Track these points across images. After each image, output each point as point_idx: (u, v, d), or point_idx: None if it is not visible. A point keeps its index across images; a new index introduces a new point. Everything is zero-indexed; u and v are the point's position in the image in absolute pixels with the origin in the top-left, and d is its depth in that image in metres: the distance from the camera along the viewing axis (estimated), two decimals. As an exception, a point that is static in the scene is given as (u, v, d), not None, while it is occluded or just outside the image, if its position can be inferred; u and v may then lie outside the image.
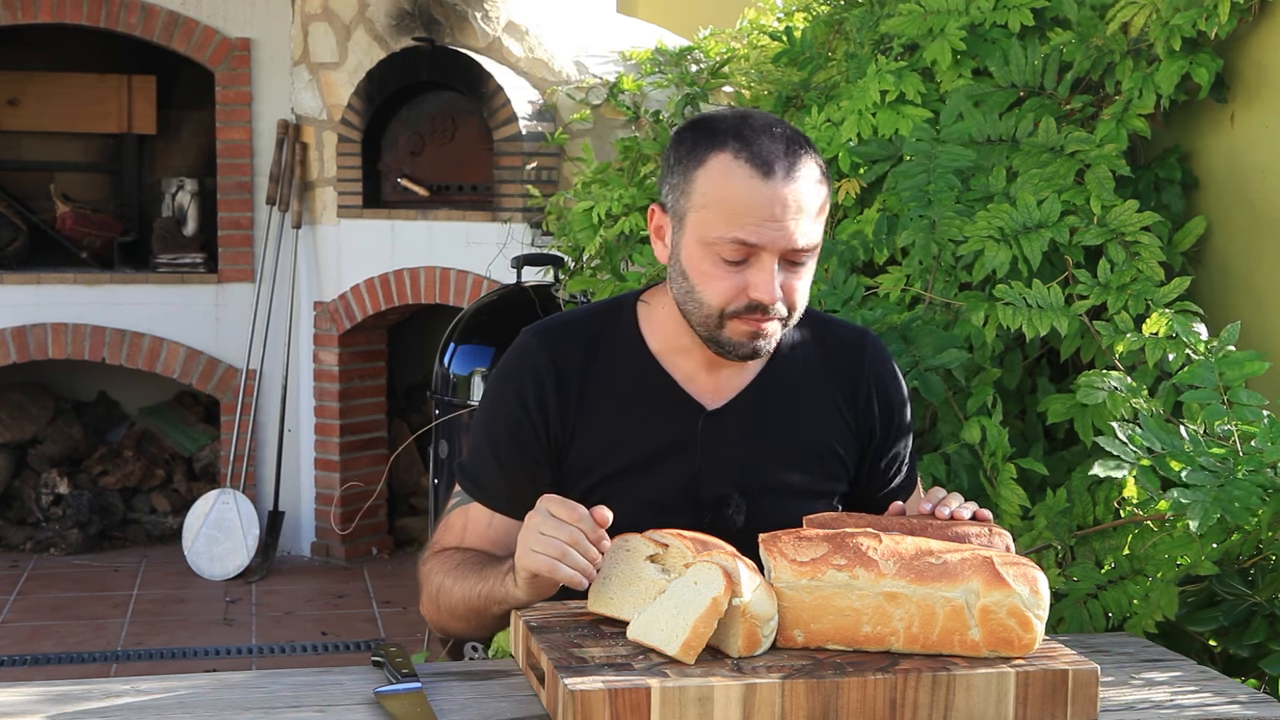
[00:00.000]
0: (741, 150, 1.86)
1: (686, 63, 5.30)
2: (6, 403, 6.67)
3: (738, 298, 1.87)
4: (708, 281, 1.89)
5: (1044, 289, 2.65)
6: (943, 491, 1.92)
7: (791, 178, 1.85)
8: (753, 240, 1.85)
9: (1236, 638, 2.16)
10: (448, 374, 4.72)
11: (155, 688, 1.72)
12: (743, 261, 1.86)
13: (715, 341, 1.92)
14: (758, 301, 1.86)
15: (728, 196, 1.86)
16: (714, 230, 1.86)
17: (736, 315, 1.88)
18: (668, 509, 1.95)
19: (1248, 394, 2.26)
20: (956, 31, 3.24)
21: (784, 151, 1.87)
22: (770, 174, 1.85)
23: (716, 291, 1.88)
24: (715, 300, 1.89)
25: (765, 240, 1.85)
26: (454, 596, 1.94)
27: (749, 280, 1.87)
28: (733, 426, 1.98)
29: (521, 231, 5.52)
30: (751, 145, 1.86)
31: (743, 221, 1.85)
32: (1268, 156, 2.94)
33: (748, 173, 1.85)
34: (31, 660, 5.04)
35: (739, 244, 1.85)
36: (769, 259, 1.86)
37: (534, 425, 1.97)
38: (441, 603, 1.97)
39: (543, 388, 1.97)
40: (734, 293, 1.87)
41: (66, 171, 7.05)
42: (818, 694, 1.59)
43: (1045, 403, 2.67)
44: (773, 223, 1.84)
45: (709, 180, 1.88)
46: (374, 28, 6.04)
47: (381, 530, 6.52)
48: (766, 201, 1.84)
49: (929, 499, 1.90)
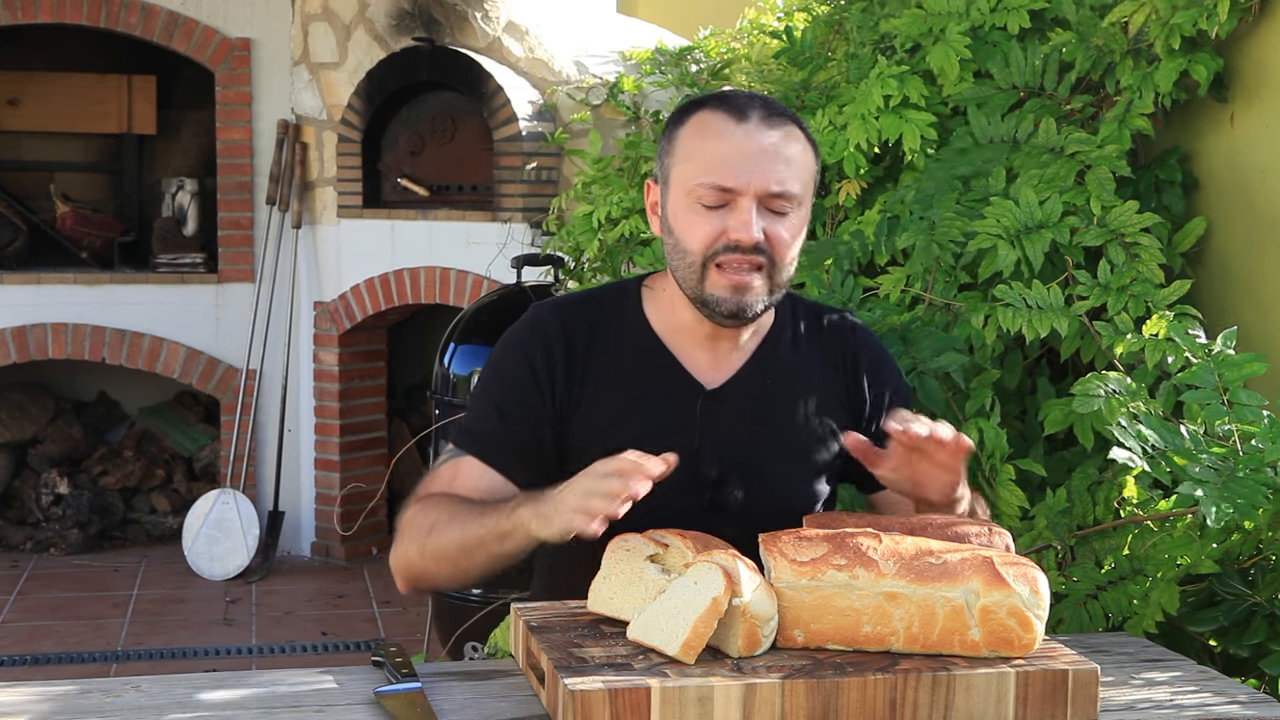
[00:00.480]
0: (720, 105, 1.95)
1: (686, 63, 5.30)
2: (6, 403, 6.67)
3: (718, 240, 1.91)
4: (690, 229, 1.93)
5: (1044, 290, 2.65)
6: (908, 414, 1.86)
7: (768, 125, 1.92)
8: (728, 183, 1.90)
9: (1236, 638, 2.16)
10: (448, 374, 4.72)
11: (155, 688, 1.72)
12: (723, 207, 1.91)
13: (701, 301, 1.95)
14: (736, 241, 1.89)
15: (704, 144, 1.93)
16: (694, 178, 1.92)
17: (718, 262, 1.91)
18: (668, 488, 1.95)
19: (1247, 394, 2.27)
20: (959, 37, 3.23)
21: (761, 104, 1.95)
22: (744, 119, 1.92)
23: (697, 237, 1.92)
24: (697, 245, 1.92)
25: (740, 182, 1.90)
26: (446, 537, 1.90)
27: (727, 223, 1.91)
28: (732, 406, 2.01)
29: (521, 231, 5.52)
30: (729, 100, 1.95)
31: (718, 165, 1.91)
32: (1268, 156, 2.93)
33: (723, 119, 1.93)
34: (31, 660, 5.04)
35: (716, 188, 1.90)
36: (746, 201, 1.90)
37: (540, 389, 1.98)
38: (429, 544, 1.91)
39: (551, 354, 1.99)
40: (714, 236, 1.91)
41: (66, 171, 7.05)
42: (818, 694, 1.59)
43: (1044, 409, 2.67)
44: (748, 163, 1.90)
45: (688, 134, 1.95)
46: (374, 28, 6.04)
47: (382, 530, 6.52)
48: (741, 144, 1.90)
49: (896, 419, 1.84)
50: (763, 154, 1.90)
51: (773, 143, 1.91)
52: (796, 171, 1.93)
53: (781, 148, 1.92)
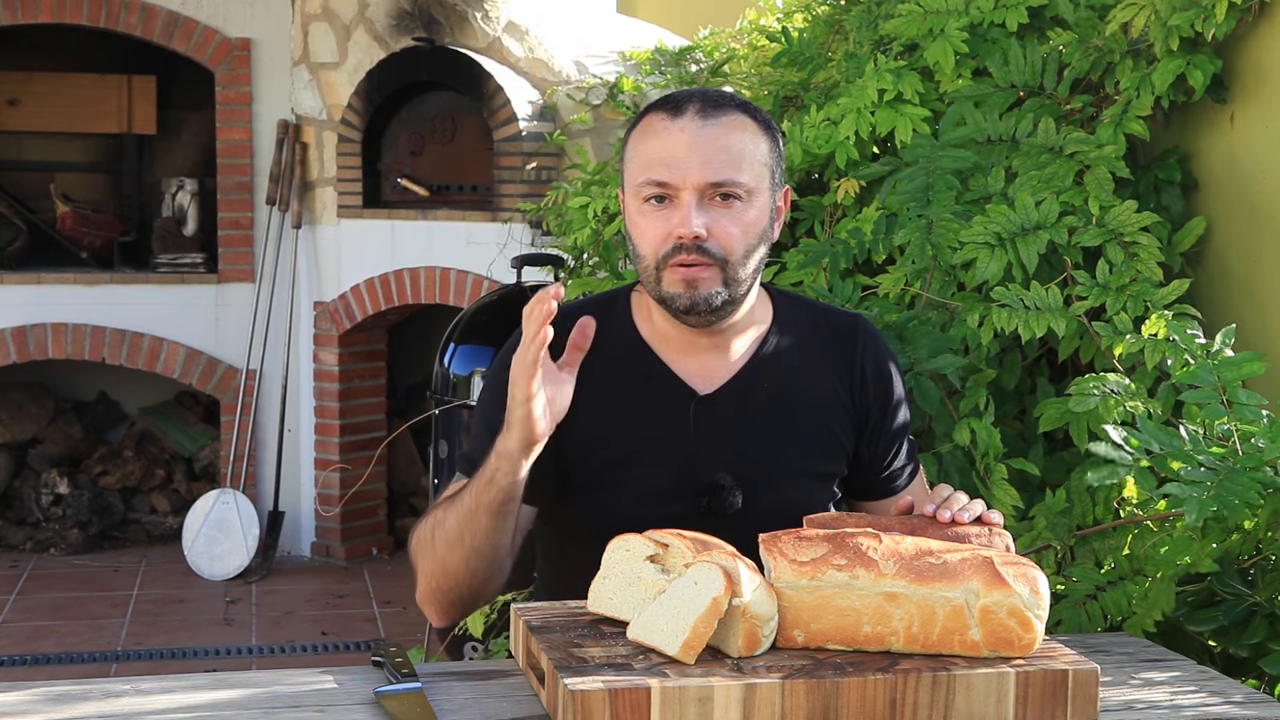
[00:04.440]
0: (662, 105, 1.95)
1: (686, 63, 5.30)
2: (6, 403, 6.67)
3: (665, 241, 1.91)
4: (641, 233, 1.94)
5: (1042, 290, 2.65)
6: (948, 489, 1.89)
7: (705, 118, 1.91)
8: (664, 178, 1.90)
9: (1236, 637, 2.16)
10: (448, 374, 4.73)
11: (155, 688, 1.72)
12: (665, 203, 1.91)
13: (660, 300, 1.95)
14: (679, 237, 1.89)
15: (645, 144, 1.94)
16: (636, 178, 1.93)
17: (669, 261, 1.91)
18: (665, 495, 1.96)
19: (1246, 394, 2.27)
20: (957, 33, 3.24)
21: (702, 98, 1.94)
22: (679, 113, 1.92)
23: (647, 240, 1.93)
24: (648, 249, 1.93)
25: (676, 177, 1.90)
26: (448, 524, 1.90)
27: (671, 221, 1.91)
28: (726, 411, 1.99)
29: (521, 231, 5.52)
30: (670, 99, 1.96)
31: (654, 162, 1.91)
32: (1267, 157, 2.94)
33: (661, 118, 1.93)
34: (31, 660, 5.04)
35: (654, 184, 1.91)
36: (686, 195, 1.89)
37: None
38: (437, 540, 1.91)
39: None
40: (661, 237, 1.91)
41: (66, 171, 7.05)
42: (818, 694, 1.59)
43: (1040, 408, 2.67)
44: (682, 157, 1.89)
45: (634, 137, 1.97)
46: (374, 28, 6.05)
47: (381, 530, 6.52)
48: (675, 139, 1.91)
49: (934, 499, 1.88)
50: (698, 146, 1.89)
51: (711, 134, 1.90)
52: (740, 160, 1.91)
53: (721, 137, 1.90)
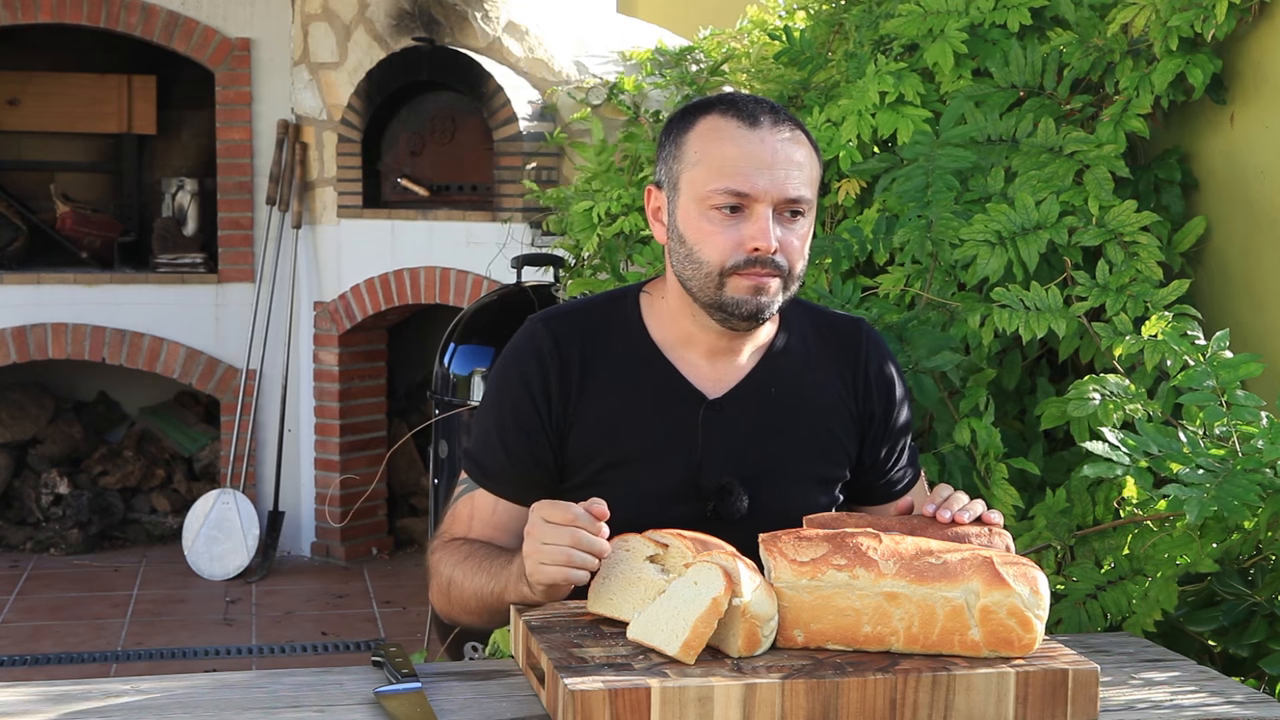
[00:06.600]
0: (728, 109, 1.92)
1: (686, 63, 5.30)
2: (6, 403, 6.67)
3: (736, 251, 1.89)
4: (705, 239, 1.91)
5: (1042, 290, 2.65)
6: (948, 489, 1.90)
7: (778, 130, 1.91)
8: (745, 189, 1.88)
9: (1236, 637, 2.16)
10: (448, 374, 4.73)
11: (155, 688, 1.72)
12: (738, 213, 1.89)
13: (718, 306, 1.92)
14: (756, 250, 1.88)
15: (718, 149, 1.90)
16: (708, 184, 1.90)
17: (736, 271, 1.89)
18: (670, 498, 1.95)
19: (1245, 395, 2.27)
20: (957, 34, 3.23)
21: (769, 109, 1.93)
22: (756, 124, 1.90)
23: (715, 248, 1.90)
24: (714, 257, 1.90)
25: (758, 189, 1.88)
26: (465, 591, 1.94)
27: (745, 232, 1.89)
28: (734, 415, 1.99)
29: (521, 231, 5.52)
30: (736, 104, 1.93)
31: (734, 171, 1.88)
32: (1267, 157, 2.94)
33: (735, 124, 1.91)
34: (31, 660, 5.04)
35: (732, 194, 1.88)
36: (763, 208, 1.88)
37: (537, 407, 1.97)
38: (453, 596, 1.97)
39: (546, 370, 1.97)
40: (732, 247, 1.89)
41: (66, 171, 7.05)
42: (818, 694, 1.59)
43: (1040, 407, 2.67)
44: (764, 170, 1.88)
45: (699, 139, 1.92)
46: (374, 28, 6.05)
47: (381, 530, 6.52)
48: (755, 150, 1.89)
49: (934, 499, 1.89)
50: (776, 160, 1.89)
51: (785, 148, 1.90)
52: (807, 176, 1.92)
53: (792, 152, 1.91)
